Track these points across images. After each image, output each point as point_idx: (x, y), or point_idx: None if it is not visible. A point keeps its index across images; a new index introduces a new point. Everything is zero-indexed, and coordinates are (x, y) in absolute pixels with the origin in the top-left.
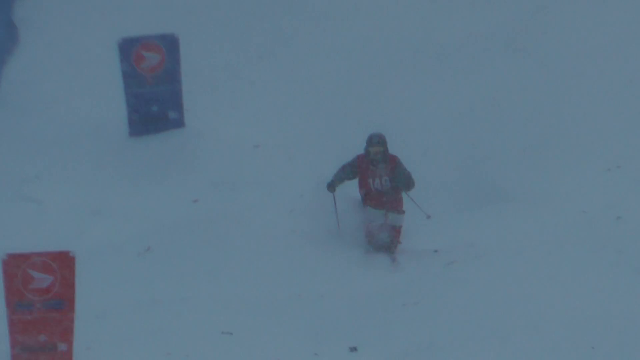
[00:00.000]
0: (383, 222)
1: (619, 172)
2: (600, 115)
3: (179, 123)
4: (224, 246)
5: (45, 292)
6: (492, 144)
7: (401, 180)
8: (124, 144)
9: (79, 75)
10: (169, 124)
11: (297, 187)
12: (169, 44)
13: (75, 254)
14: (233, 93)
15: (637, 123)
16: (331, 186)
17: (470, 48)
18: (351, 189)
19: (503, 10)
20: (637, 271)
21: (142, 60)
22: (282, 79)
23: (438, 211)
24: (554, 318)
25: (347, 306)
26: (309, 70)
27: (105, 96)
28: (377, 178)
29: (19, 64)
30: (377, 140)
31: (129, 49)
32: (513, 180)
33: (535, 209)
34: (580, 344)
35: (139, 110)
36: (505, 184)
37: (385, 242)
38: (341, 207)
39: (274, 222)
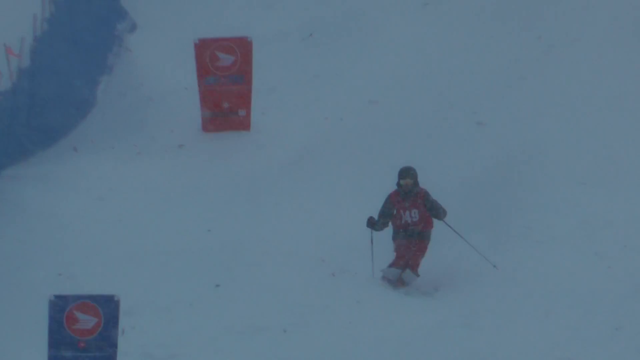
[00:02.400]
0: (397, 279)
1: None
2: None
3: None
4: (372, 30)
5: (229, 69)
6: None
7: (432, 210)
8: None
9: None
10: None
11: None
12: None
13: (252, 39)
14: None
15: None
16: (371, 222)
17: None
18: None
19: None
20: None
21: None
22: None
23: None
24: None
25: None
26: None
27: None
28: (407, 210)
29: None
30: (407, 174)
31: None
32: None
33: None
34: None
35: None
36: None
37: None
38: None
39: (406, 22)
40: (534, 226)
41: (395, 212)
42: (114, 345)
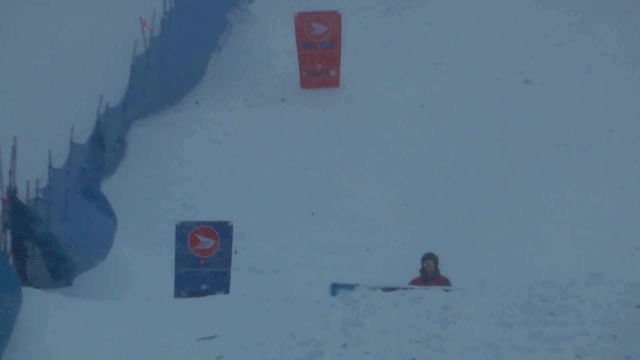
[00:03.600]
0: None
1: None
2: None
3: None
4: (438, 4)
5: (322, 37)
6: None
7: None
8: None
9: None
10: None
11: None
12: None
13: (341, 12)
14: None
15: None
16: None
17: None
18: None
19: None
20: None
21: None
22: None
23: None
24: None
25: None
26: None
27: None
28: None
29: None
30: (429, 256)
31: None
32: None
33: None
34: None
35: None
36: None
37: None
38: None
39: None
40: (570, 163)
41: None
42: (228, 262)
